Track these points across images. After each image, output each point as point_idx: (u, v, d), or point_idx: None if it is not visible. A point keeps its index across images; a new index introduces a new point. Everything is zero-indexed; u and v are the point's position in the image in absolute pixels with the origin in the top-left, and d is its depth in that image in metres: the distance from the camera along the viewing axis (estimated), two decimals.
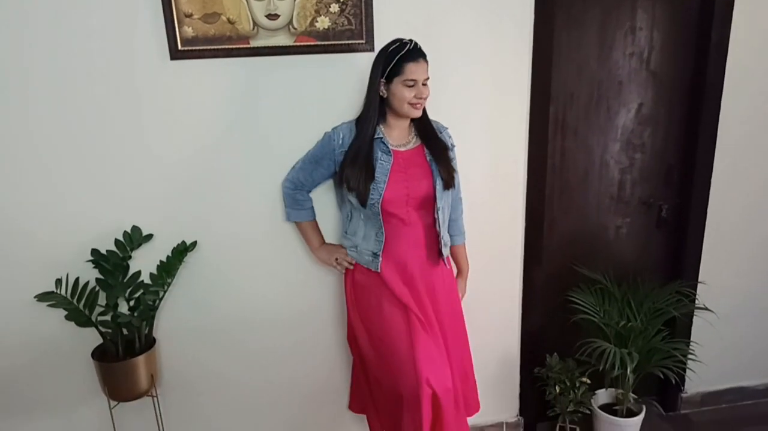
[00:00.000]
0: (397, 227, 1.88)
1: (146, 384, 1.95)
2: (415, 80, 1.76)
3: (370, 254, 1.90)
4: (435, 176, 1.87)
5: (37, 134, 1.85)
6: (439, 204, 1.88)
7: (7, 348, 2.01)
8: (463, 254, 2.13)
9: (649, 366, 2.30)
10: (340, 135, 1.88)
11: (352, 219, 1.94)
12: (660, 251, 2.54)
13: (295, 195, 1.98)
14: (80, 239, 1.94)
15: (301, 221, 2.03)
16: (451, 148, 1.95)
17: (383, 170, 1.82)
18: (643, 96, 2.33)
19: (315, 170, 1.94)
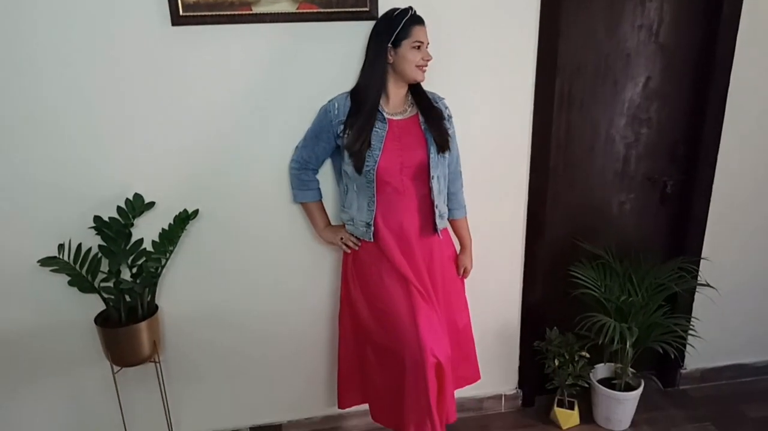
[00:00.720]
0: (392, 196, 1.89)
1: (149, 349, 1.98)
2: (422, 42, 1.80)
3: (364, 224, 1.91)
4: (429, 144, 1.87)
5: (39, 101, 1.85)
6: (434, 173, 1.88)
7: (12, 312, 2.03)
8: (465, 228, 2.13)
9: (649, 340, 2.30)
10: (335, 106, 1.88)
11: (348, 192, 1.95)
12: (663, 227, 2.53)
13: (300, 176, 1.99)
14: (82, 206, 1.95)
15: (307, 202, 2.04)
16: (447, 118, 1.95)
17: (378, 137, 1.83)
18: (651, 69, 2.29)
19: (316, 145, 1.94)
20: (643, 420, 2.47)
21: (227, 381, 2.27)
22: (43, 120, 1.87)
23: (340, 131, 1.87)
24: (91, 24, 1.81)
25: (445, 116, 1.95)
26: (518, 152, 2.23)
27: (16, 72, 1.81)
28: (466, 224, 2.13)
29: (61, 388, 2.16)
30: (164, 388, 2.13)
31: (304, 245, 2.16)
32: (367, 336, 2.02)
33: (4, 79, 1.81)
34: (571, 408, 2.45)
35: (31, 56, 1.80)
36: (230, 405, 2.31)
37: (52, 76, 1.83)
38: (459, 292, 2.15)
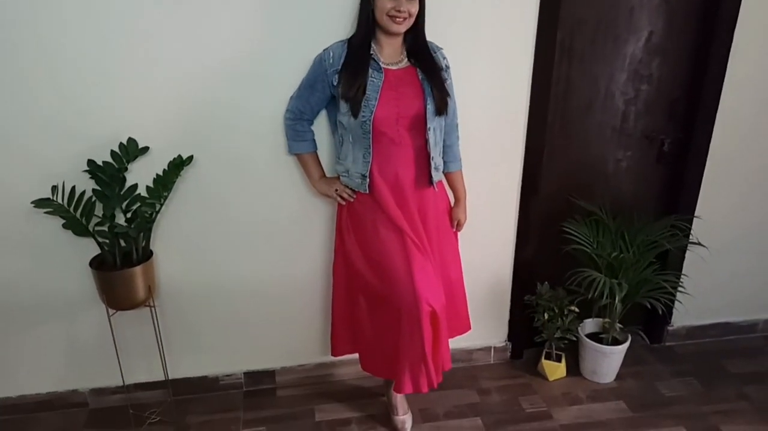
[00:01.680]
0: (388, 147, 1.87)
1: (144, 294, 2.00)
2: None
3: (359, 176, 1.90)
4: (426, 96, 1.85)
5: (33, 44, 1.81)
6: (430, 125, 1.87)
7: (7, 254, 2.05)
8: (459, 181, 2.13)
9: (638, 296, 2.34)
10: (330, 54, 1.84)
11: (343, 143, 1.93)
12: (658, 185, 2.53)
13: (295, 126, 1.97)
14: (76, 150, 1.94)
15: (302, 153, 2.02)
16: (445, 69, 1.92)
17: (374, 87, 1.80)
18: (654, 24, 2.25)
19: (311, 95, 1.91)
20: (629, 373, 2.54)
21: (221, 327, 2.31)
22: (38, 63, 1.83)
23: (335, 81, 1.84)
24: None
25: (443, 67, 1.91)
26: (516, 106, 2.20)
27: (9, 17, 1.77)
28: (461, 177, 2.13)
29: (57, 330, 2.19)
30: (159, 332, 2.16)
31: (299, 196, 2.16)
32: (362, 287, 2.04)
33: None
34: (559, 361, 2.51)
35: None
36: (224, 350, 2.36)
37: (46, 19, 1.79)
38: (452, 245, 2.16)
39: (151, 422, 2.25)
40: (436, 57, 1.90)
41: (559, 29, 2.14)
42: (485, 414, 2.31)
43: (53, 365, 2.25)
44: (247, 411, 2.33)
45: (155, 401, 2.34)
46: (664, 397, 2.41)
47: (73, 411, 2.31)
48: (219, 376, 2.39)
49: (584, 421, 2.27)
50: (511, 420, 2.28)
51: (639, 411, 2.33)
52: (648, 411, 2.33)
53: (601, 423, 2.26)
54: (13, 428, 2.23)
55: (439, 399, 2.39)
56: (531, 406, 2.36)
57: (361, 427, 2.24)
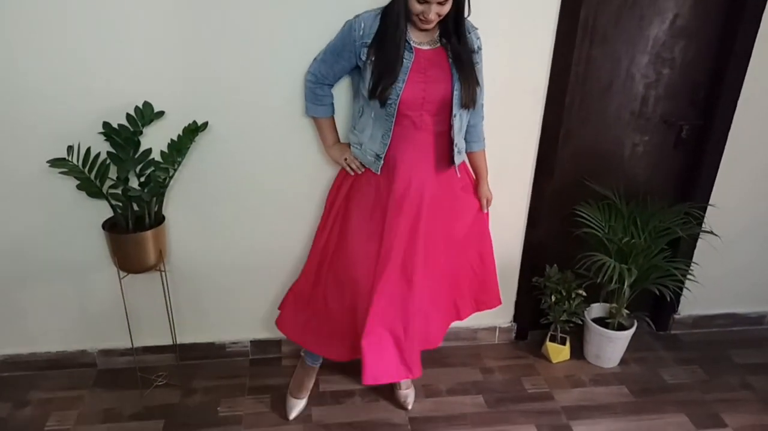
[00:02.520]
0: (408, 129, 1.83)
1: (154, 258, 2.01)
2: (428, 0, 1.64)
3: (374, 155, 1.87)
4: (455, 81, 1.79)
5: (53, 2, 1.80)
6: (456, 111, 1.82)
7: (23, 212, 2.06)
8: (482, 160, 2.09)
9: (647, 282, 2.33)
10: (361, 25, 1.76)
11: (362, 115, 1.88)
12: (674, 172, 2.50)
13: (315, 90, 1.92)
14: (91, 112, 1.93)
15: (318, 117, 1.99)
16: (477, 50, 1.85)
17: (404, 68, 1.74)
18: (680, 6, 2.20)
19: (336, 62, 1.85)
20: (633, 359, 2.54)
21: (230, 295, 2.33)
22: (55, 23, 1.82)
23: (363, 54, 1.77)
24: None
25: (475, 49, 1.84)
26: (535, 84, 2.17)
27: None
28: (483, 157, 2.09)
29: (68, 290, 2.22)
30: (169, 297, 2.19)
31: (314, 165, 2.14)
32: (330, 264, 2.04)
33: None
34: (563, 344, 2.51)
35: None
36: (232, 318, 2.38)
37: None
38: (482, 222, 2.15)
39: (158, 385, 2.28)
40: (470, 39, 1.81)
41: (582, 7, 2.10)
42: (487, 392, 2.33)
43: (64, 324, 2.28)
44: (253, 378, 2.36)
45: (163, 364, 2.37)
46: (667, 384, 2.42)
47: (81, 371, 2.35)
48: (226, 343, 2.42)
49: (586, 404, 2.29)
50: (513, 399, 2.30)
51: (641, 396, 2.33)
52: (650, 396, 2.33)
53: (603, 407, 2.27)
54: (22, 384, 2.28)
55: (443, 375, 2.41)
56: (533, 387, 2.37)
57: (365, 399, 2.27)
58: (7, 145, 1.96)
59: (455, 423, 2.17)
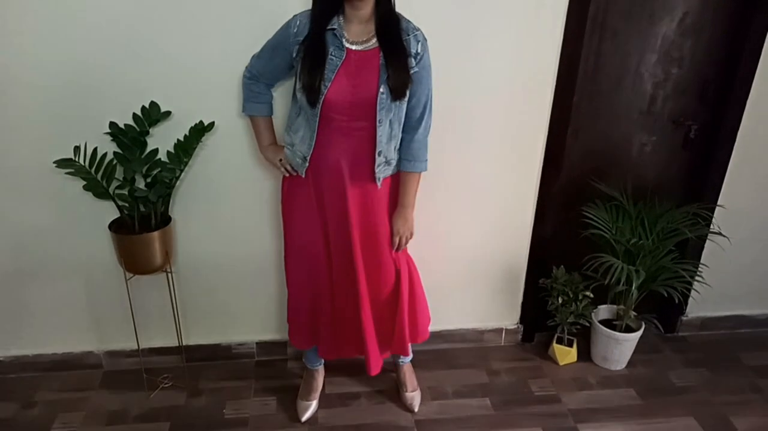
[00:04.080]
0: (335, 132, 1.74)
1: (161, 259, 2.01)
2: None
3: (301, 156, 1.80)
4: (381, 81, 1.67)
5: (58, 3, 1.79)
6: (381, 116, 1.70)
7: (30, 212, 2.06)
8: (409, 185, 1.87)
9: (655, 284, 2.32)
10: (297, 22, 1.70)
11: (299, 116, 1.78)
12: (682, 172, 2.49)
13: (251, 86, 1.85)
14: (99, 112, 1.93)
15: (255, 116, 1.90)
16: (413, 54, 1.70)
17: (331, 67, 1.66)
18: (689, 4, 2.19)
19: (271, 59, 1.79)
20: (640, 361, 2.52)
21: (236, 296, 2.32)
22: (62, 22, 1.82)
23: (294, 52, 1.70)
24: None
25: (412, 53, 1.70)
26: (542, 81, 2.15)
27: None
28: (411, 181, 1.87)
29: (75, 291, 2.22)
30: (175, 298, 2.18)
31: None
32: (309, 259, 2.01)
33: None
34: (570, 346, 2.50)
35: None
36: (238, 319, 2.37)
37: None
38: (383, 255, 1.94)
39: (164, 386, 2.28)
40: (408, 41, 1.69)
41: (592, 2, 2.08)
42: (494, 395, 2.31)
43: (70, 325, 2.28)
44: (258, 380, 2.35)
45: (169, 366, 2.36)
46: (675, 386, 2.40)
47: (87, 372, 2.35)
48: (232, 344, 2.41)
49: (593, 407, 2.27)
50: (520, 401, 2.29)
51: (648, 398, 2.32)
52: (658, 399, 2.32)
53: (610, 409, 2.26)
54: (28, 386, 2.28)
55: (449, 377, 2.40)
56: (540, 389, 2.36)
57: (371, 401, 2.26)
58: (14, 144, 1.96)
59: (462, 426, 2.15)
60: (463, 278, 2.45)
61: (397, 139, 1.80)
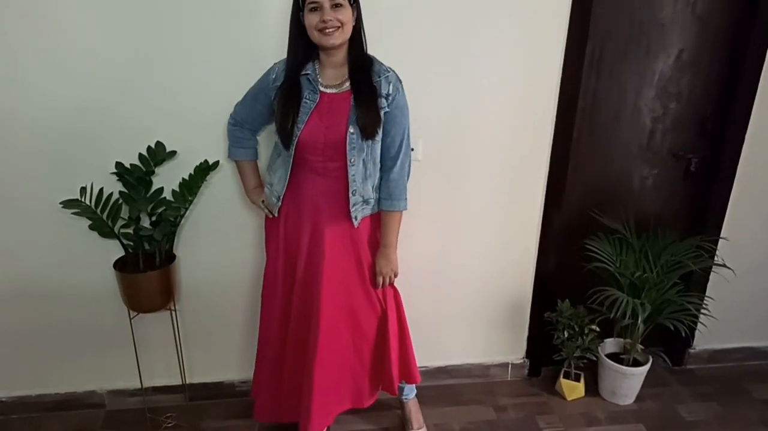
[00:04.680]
0: (310, 174, 1.78)
1: (165, 297, 2.01)
2: (317, 2, 1.60)
3: (276, 196, 1.83)
4: (351, 122, 1.71)
5: (63, 43, 1.84)
6: (351, 156, 1.72)
7: (35, 251, 2.07)
8: (390, 224, 1.87)
9: (661, 317, 2.30)
10: (276, 69, 1.76)
11: (278, 157, 1.83)
12: (684, 205, 2.50)
13: (235, 132, 1.91)
14: (105, 152, 1.96)
15: (240, 160, 1.94)
16: (384, 95, 1.73)
17: (305, 110, 1.71)
18: (685, 42, 2.23)
19: (254, 105, 1.84)
20: (648, 395, 2.49)
21: (240, 333, 2.31)
22: (69, 64, 1.86)
23: (273, 96, 1.76)
24: None
25: (383, 94, 1.73)
26: (543, 117, 2.19)
27: (38, 13, 1.80)
28: (392, 221, 1.87)
29: (78, 330, 2.21)
30: (179, 336, 2.17)
31: None
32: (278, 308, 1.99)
33: (28, 22, 1.80)
34: (577, 380, 2.47)
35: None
36: (241, 356, 2.35)
37: (75, 17, 1.82)
38: (366, 296, 1.94)
39: (167, 426, 2.25)
40: (379, 82, 1.73)
41: (589, 41, 2.13)
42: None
43: (73, 365, 2.26)
44: None
45: (172, 404, 2.34)
46: (685, 421, 2.36)
47: (90, 412, 2.32)
48: (235, 382, 2.39)
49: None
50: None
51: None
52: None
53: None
54: (31, 426, 2.25)
55: (455, 414, 2.36)
56: (548, 425, 2.32)
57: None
58: (21, 184, 1.99)
59: None
60: (468, 312, 2.44)
61: (374, 178, 1.82)
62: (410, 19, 1.97)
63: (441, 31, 2.00)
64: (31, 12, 1.79)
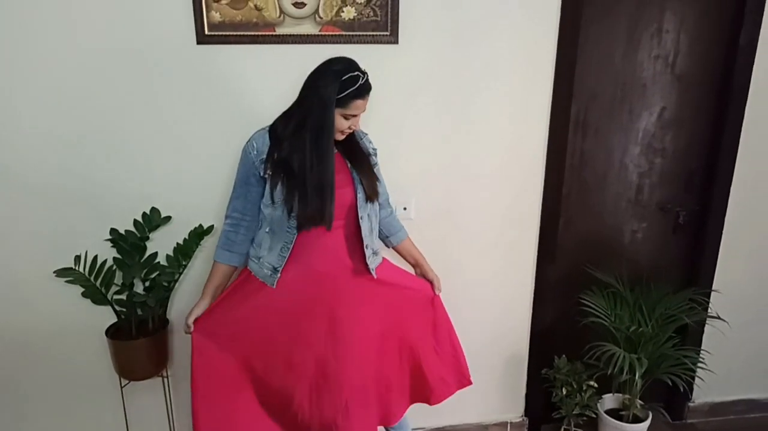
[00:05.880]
0: (316, 237, 1.74)
1: (157, 364, 1.98)
2: (356, 115, 1.69)
3: (270, 268, 1.76)
4: (356, 185, 1.76)
5: (59, 113, 1.88)
6: (362, 213, 1.77)
7: (24, 319, 2.04)
8: (412, 247, 2.01)
9: (658, 372, 2.29)
10: (254, 146, 1.74)
11: (260, 228, 1.80)
12: (675, 257, 2.52)
13: (229, 234, 1.81)
14: (100, 218, 1.97)
15: (222, 263, 1.83)
16: (373, 153, 1.87)
17: None
18: (666, 100, 2.31)
19: (247, 192, 1.78)
20: None
21: None
22: (64, 131, 1.89)
23: (261, 171, 1.72)
24: (119, 40, 1.84)
25: (370, 151, 1.86)
26: (532, 176, 2.24)
27: (37, 84, 1.85)
28: (409, 247, 2.01)
29: (68, 397, 2.15)
30: (170, 403, 2.12)
31: None
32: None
33: (27, 91, 1.84)
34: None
35: (53, 72, 1.84)
36: None
37: (73, 88, 1.86)
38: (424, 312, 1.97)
39: None
40: (363, 144, 1.84)
41: (573, 102, 2.20)
42: None
43: (63, 428, 2.19)
44: None
45: None
46: None
47: None
48: None
49: None
50: None
51: None
52: None
53: None
54: None
55: None
56: None
57: None
58: (14, 251, 1.98)
59: None
60: None
61: (377, 230, 1.89)
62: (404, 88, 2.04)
63: (433, 97, 2.07)
64: (30, 77, 1.84)
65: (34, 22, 1.79)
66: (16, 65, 1.82)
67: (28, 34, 1.80)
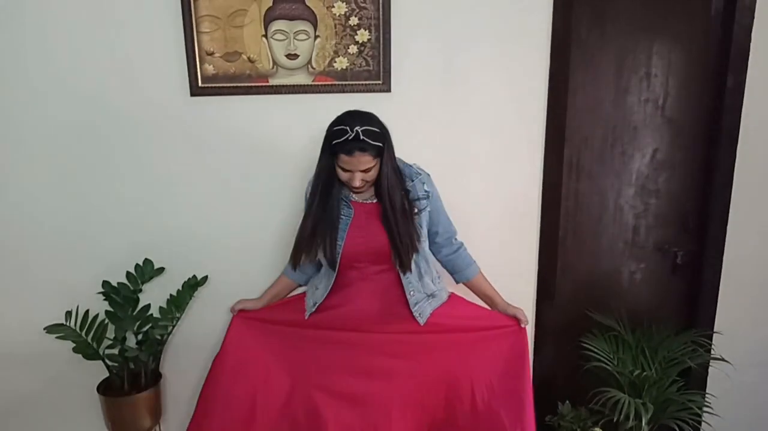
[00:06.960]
0: (355, 280, 1.79)
1: (150, 419, 1.93)
2: (350, 170, 1.65)
3: (312, 302, 1.83)
4: (390, 239, 1.73)
5: (54, 165, 1.88)
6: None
7: (13, 376, 2.01)
8: (482, 282, 1.95)
9: (664, 417, 2.23)
10: (308, 188, 1.81)
11: (320, 267, 1.87)
12: (675, 298, 2.50)
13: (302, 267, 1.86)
14: (92, 270, 1.95)
15: (287, 277, 1.95)
16: (423, 197, 1.79)
17: (343, 225, 1.75)
18: (658, 142, 2.33)
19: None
20: None
21: None
22: (57, 185, 1.89)
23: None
24: (112, 90, 1.86)
25: (419, 196, 1.78)
26: (528, 222, 2.24)
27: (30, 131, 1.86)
28: (480, 283, 1.95)
29: None
30: None
31: None
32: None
33: (19, 145, 1.85)
34: None
35: (48, 123, 1.85)
36: None
37: (66, 137, 1.88)
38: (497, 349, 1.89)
39: None
40: (413, 186, 1.77)
41: (566, 147, 2.22)
42: None
43: None
44: None
45: None
46: None
47: None
48: None
49: None
50: None
51: None
52: None
53: None
54: None
55: None
56: None
57: None
58: (5, 305, 1.95)
59: None
60: None
61: (432, 271, 1.85)
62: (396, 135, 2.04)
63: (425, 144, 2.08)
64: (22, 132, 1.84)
65: (25, 77, 1.81)
66: (10, 121, 1.83)
67: (20, 87, 1.82)
